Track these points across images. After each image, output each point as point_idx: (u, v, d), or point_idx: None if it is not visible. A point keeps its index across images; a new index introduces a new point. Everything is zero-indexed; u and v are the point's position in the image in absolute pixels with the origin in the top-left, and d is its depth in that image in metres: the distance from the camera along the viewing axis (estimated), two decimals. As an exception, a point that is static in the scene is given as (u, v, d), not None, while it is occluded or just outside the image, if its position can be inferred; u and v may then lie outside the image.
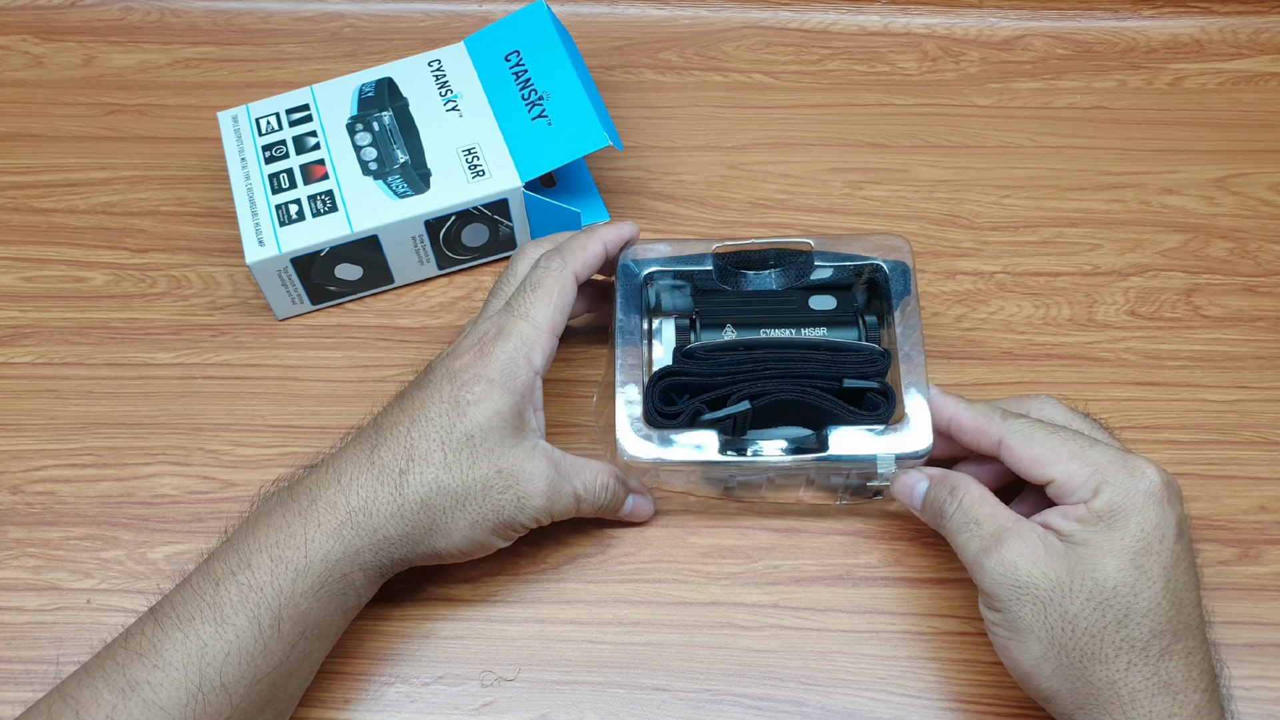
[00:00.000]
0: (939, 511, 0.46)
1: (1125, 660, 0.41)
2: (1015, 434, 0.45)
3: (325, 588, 0.43)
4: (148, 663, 0.40)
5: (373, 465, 0.45)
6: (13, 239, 0.62)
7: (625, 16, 0.72)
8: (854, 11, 0.72)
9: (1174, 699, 0.40)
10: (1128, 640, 0.41)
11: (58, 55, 0.71)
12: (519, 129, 0.59)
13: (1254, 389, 0.56)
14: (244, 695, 0.41)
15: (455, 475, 0.45)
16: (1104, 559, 0.41)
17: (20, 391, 0.57)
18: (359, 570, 0.44)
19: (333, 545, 0.43)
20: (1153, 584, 0.41)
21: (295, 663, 0.43)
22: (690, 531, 0.52)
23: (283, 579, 0.42)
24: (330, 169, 0.58)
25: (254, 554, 0.43)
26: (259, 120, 0.61)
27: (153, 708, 0.39)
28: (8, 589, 0.51)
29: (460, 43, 0.63)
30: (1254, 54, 0.70)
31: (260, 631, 0.41)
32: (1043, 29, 0.71)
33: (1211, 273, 0.60)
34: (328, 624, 0.44)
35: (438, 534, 0.45)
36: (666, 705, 0.48)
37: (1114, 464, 0.43)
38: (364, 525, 0.44)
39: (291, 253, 0.56)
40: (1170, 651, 0.41)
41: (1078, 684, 0.41)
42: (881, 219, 0.63)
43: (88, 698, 0.40)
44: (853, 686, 0.48)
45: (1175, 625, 0.41)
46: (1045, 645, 0.42)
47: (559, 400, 0.56)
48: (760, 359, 0.49)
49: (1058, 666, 0.41)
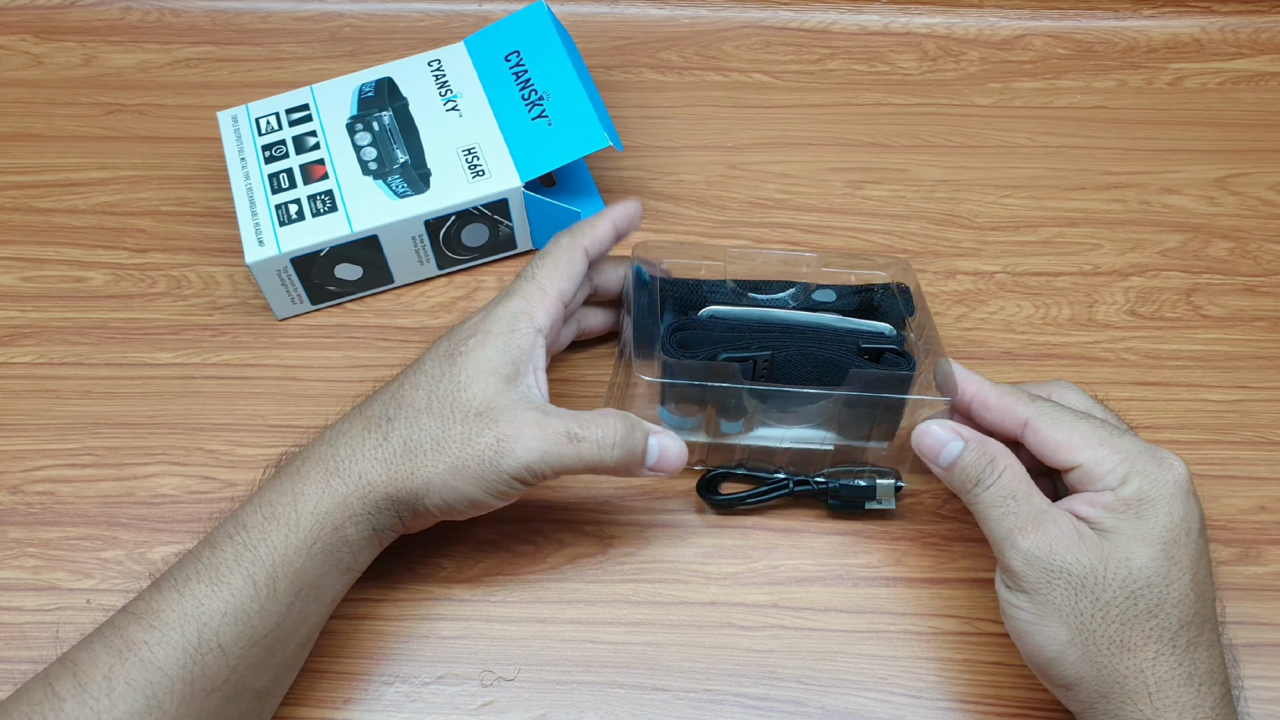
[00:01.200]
0: (974, 479, 0.44)
1: (1154, 649, 0.41)
2: (1043, 416, 0.44)
3: (318, 543, 0.42)
4: (144, 623, 0.40)
5: (362, 417, 0.45)
6: (12, 239, 0.62)
7: (625, 16, 0.72)
8: (854, 11, 0.72)
9: (1198, 690, 0.40)
10: (1158, 629, 0.41)
11: (57, 55, 0.71)
12: (519, 129, 0.59)
13: (1254, 389, 0.56)
14: (240, 657, 0.40)
15: (436, 416, 0.44)
16: (1137, 548, 0.41)
17: (20, 391, 0.57)
18: (350, 523, 0.43)
19: (321, 497, 0.43)
20: (1183, 575, 0.41)
21: (292, 625, 0.42)
22: (690, 531, 0.52)
23: (275, 536, 0.42)
24: (330, 169, 0.58)
25: (249, 516, 0.43)
26: (259, 120, 0.61)
27: (150, 667, 0.39)
28: (7, 589, 0.51)
29: (460, 43, 0.63)
30: (1254, 54, 0.70)
31: (256, 591, 0.41)
32: (1043, 29, 0.71)
33: (1212, 272, 0.60)
34: (325, 584, 0.44)
35: (420, 480, 0.43)
36: (666, 705, 0.48)
37: (1143, 454, 0.43)
38: (349, 473, 0.43)
39: (291, 253, 0.56)
40: (1197, 643, 0.41)
41: (1104, 672, 0.41)
42: (881, 219, 0.63)
43: (85, 659, 0.39)
44: (853, 686, 0.48)
45: (1201, 617, 0.41)
46: (1073, 631, 0.41)
47: (564, 400, 0.56)
48: (774, 324, 0.49)
49: (1084, 653, 0.41)
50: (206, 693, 0.40)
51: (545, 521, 0.52)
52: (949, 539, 0.51)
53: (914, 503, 0.52)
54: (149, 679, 0.39)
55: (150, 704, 0.39)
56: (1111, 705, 0.41)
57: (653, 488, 0.53)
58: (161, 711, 0.39)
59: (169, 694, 0.39)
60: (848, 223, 0.62)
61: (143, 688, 0.39)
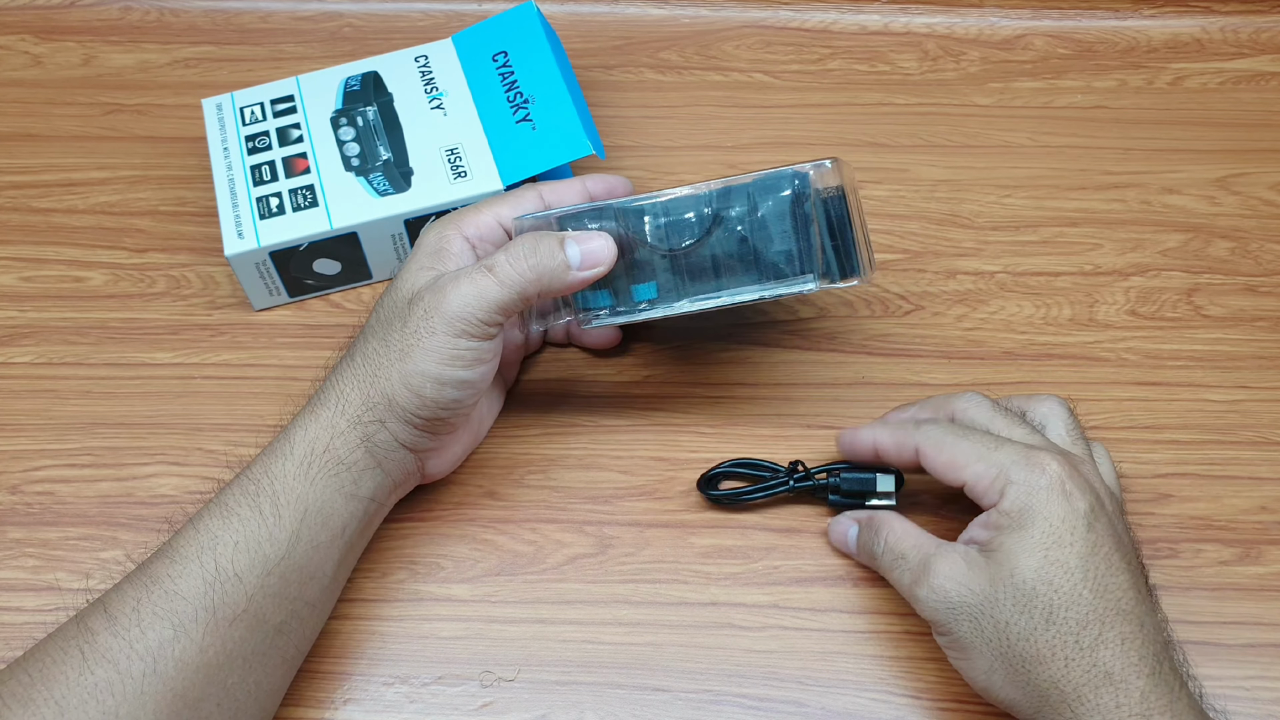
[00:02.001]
0: (870, 553, 0.48)
1: (1063, 657, 0.41)
2: (927, 442, 0.46)
3: (313, 466, 0.45)
4: (166, 559, 0.43)
5: (340, 356, 0.49)
6: (11, 239, 0.62)
7: (625, 16, 0.72)
8: (854, 11, 0.72)
9: (1116, 690, 0.40)
10: (1059, 637, 0.41)
11: (57, 55, 0.71)
12: (503, 131, 0.58)
13: (1255, 389, 0.56)
14: (257, 585, 0.42)
15: (383, 324, 0.47)
16: (1020, 560, 0.42)
17: (19, 391, 0.57)
18: (338, 440, 0.45)
19: (308, 423, 0.46)
20: (1070, 576, 0.41)
21: (304, 553, 0.44)
22: (690, 531, 0.52)
23: (271, 463, 0.45)
24: (312, 163, 0.58)
25: (253, 463, 0.46)
26: (243, 110, 0.61)
27: (174, 597, 0.41)
28: (7, 589, 0.51)
29: (448, 39, 0.63)
30: (1255, 53, 0.70)
31: (262, 518, 0.43)
32: (1043, 28, 0.71)
33: (1212, 272, 0.60)
34: (330, 510, 0.45)
35: (384, 380, 0.45)
36: (666, 705, 0.48)
37: (1017, 462, 0.43)
38: (329, 395, 0.46)
39: (270, 246, 0.56)
40: (1102, 640, 0.41)
41: (1028, 690, 0.42)
42: (882, 219, 0.62)
43: (114, 597, 0.42)
44: (853, 686, 0.48)
45: (1102, 613, 0.41)
46: (990, 658, 0.42)
47: (563, 401, 0.56)
48: None
49: (1006, 676, 0.42)
50: (229, 621, 0.42)
51: (545, 521, 0.52)
52: (950, 539, 0.51)
53: (914, 502, 0.52)
54: (174, 607, 0.41)
55: (178, 631, 0.41)
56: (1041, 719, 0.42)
57: (653, 487, 0.53)
58: (189, 639, 0.41)
59: (194, 621, 0.41)
60: (848, 223, 0.62)
61: (169, 615, 0.41)
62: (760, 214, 0.46)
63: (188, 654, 0.41)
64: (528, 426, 0.55)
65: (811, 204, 0.46)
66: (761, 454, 0.54)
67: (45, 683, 0.39)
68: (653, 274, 0.48)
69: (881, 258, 0.61)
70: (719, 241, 0.47)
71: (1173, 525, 0.52)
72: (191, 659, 0.41)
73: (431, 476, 0.51)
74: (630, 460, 0.54)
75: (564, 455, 0.54)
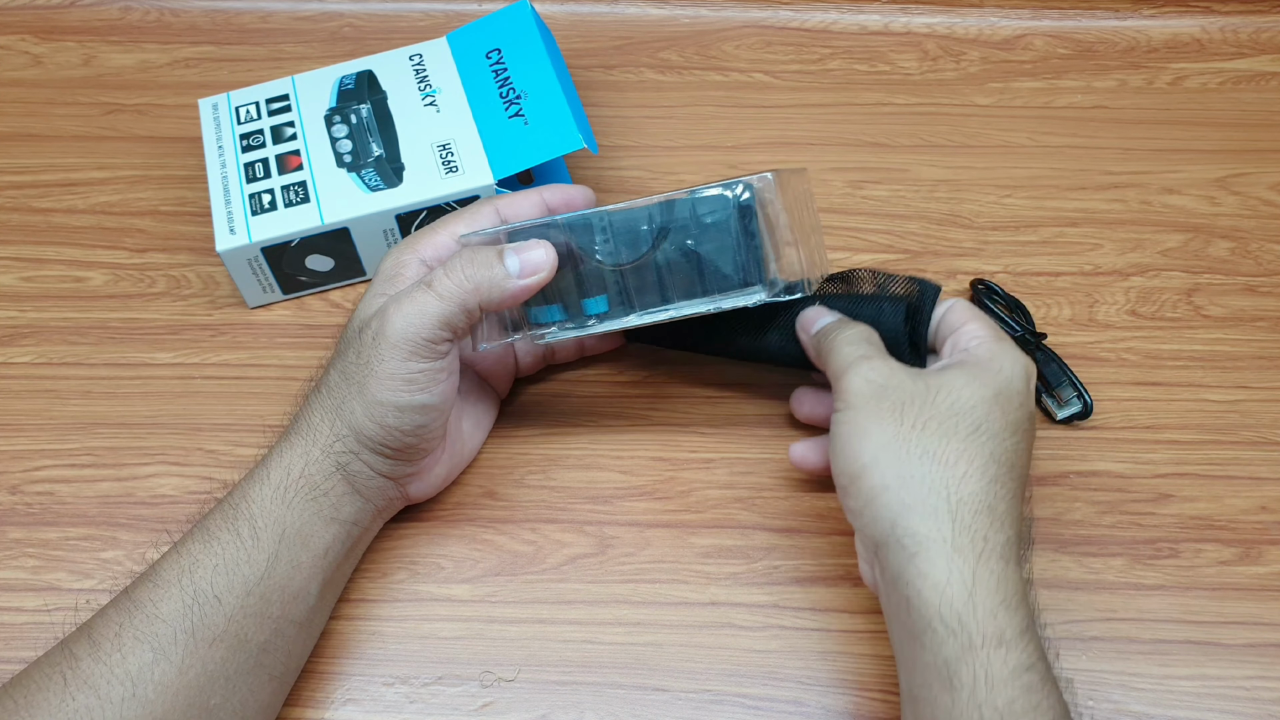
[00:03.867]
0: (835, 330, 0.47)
1: (964, 469, 0.41)
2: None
3: (290, 491, 0.45)
4: (147, 583, 0.43)
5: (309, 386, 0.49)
6: (12, 239, 0.62)
7: (625, 16, 0.72)
8: (854, 11, 0.72)
9: (992, 521, 0.41)
10: (972, 451, 0.42)
11: (57, 55, 0.71)
12: (495, 127, 0.59)
13: (1255, 389, 0.56)
14: (237, 606, 0.43)
15: (340, 354, 0.47)
16: (968, 386, 0.43)
17: (19, 391, 0.57)
18: (312, 466, 0.46)
19: (282, 450, 0.46)
20: (1005, 423, 0.43)
21: (284, 574, 0.44)
22: (690, 531, 0.52)
23: (249, 489, 0.45)
24: (305, 160, 0.58)
25: (234, 489, 0.46)
26: (239, 109, 0.61)
27: (154, 620, 0.42)
28: (7, 589, 0.51)
29: (443, 38, 0.63)
30: (1255, 53, 0.70)
31: (240, 541, 0.44)
32: (1043, 28, 0.71)
33: (1212, 272, 0.60)
34: (310, 532, 0.45)
35: (348, 410, 0.46)
36: (666, 705, 0.48)
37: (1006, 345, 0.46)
38: (300, 425, 0.47)
39: (262, 242, 0.56)
40: (1001, 482, 0.42)
41: (909, 481, 0.41)
42: (882, 219, 0.62)
43: (99, 622, 0.43)
44: (853, 686, 0.48)
45: (1013, 467, 0.43)
46: (889, 437, 0.42)
47: (562, 401, 0.56)
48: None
49: (893, 459, 0.42)
50: (209, 642, 0.42)
51: (545, 521, 0.52)
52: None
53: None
54: (154, 630, 0.42)
55: (157, 654, 0.41)
56: (912, 517, 0.41)
57: (653, 487, 0.53)
58: (169, 662, 0.41)
59: (173, 643, 0.41)
60: (848, 223, 0.62)
61: (149, 639, 0.41)
62: (703, 227, 0.46)
63: (167, 676, 0.41)
64: (527, 426, 0.55)
65: (758, 217, 0.46)
66: (761, 454, 0.54)
67: (29, 709, 0.40)
68: (603, 287, 0.48)
69: (881, 258, 0.61)
70: (665, 255, 0.47)
71: (1173, 525, 0.52)
72: (171, 681, 0.41)
73: (417, 499, 0.51)
74: (630, 460, 0.54)
75: (564, 455, 0.54)
